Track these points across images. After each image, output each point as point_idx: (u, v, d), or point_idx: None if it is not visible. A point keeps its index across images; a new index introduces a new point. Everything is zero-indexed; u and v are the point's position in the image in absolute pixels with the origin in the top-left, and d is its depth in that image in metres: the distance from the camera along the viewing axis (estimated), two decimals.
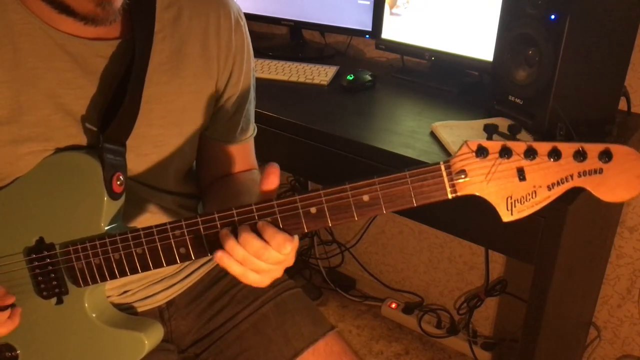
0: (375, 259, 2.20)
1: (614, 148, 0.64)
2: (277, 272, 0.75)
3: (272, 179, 0.72)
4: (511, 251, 1.22)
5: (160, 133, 0.88)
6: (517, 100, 1.27)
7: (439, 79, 1.63)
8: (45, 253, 0.80)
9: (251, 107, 1.03)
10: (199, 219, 0.74)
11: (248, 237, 0.70)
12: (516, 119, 1.25)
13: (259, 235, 0.71)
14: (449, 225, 1.27)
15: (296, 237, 0.73)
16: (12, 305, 0.80)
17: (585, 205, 1.16)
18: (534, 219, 1.09)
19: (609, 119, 1.29)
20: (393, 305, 2.10)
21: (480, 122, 1.29)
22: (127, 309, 0.94)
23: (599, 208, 1.38)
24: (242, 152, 1.04)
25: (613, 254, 1.62)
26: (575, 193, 1.07)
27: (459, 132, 1.25)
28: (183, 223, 0.75)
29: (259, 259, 0.71)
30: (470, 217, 1.19)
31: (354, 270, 2.27)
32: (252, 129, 1.05)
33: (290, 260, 0.74)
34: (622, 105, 1.40)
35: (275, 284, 1.04)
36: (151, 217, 0.92)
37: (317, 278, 2.27)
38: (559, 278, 1.17)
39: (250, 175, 1.03)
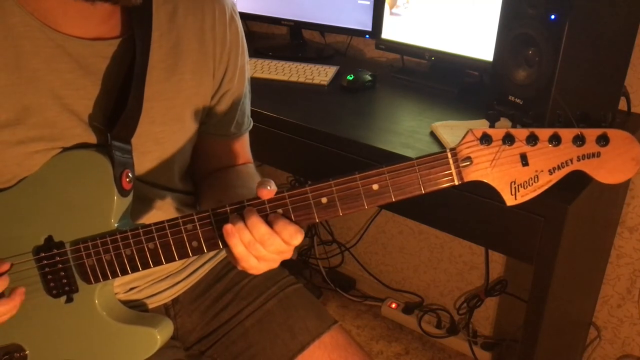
0: (375, 259, 2.20)
1: (611, 132, 0.68)
2: (275, 263, 0.76)
3: (267, 194, 0.73)
4: (511, 251, 1.22)
5: (162, 130, 0.89)
6: (517, 100, 1.27)
7: (439, 79, 1.63)
8: (55, 251, 0.80)
9: (247, 101, 1.03)
10: (210, 212, 0.75)
11: (255, 222, 0.72)
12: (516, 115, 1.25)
13: (270, 226, 0.72)
14: (449, 225, 1.27)
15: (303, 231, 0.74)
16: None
17: (585, 205, 1.16)
18: (534, 219, 1.10)
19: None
20: (393, 305, 2.10)
21: (481, 122, 1.29)
22: (133, 306, 0.95)
23: (599, 208, 1.38)
24: (238, 146, 1.04)
25: (613, 254, 1.62)
26: (576, 193, 1.07)
27: (459, 132, 1.25)
28: (195, 217, 0.76)
29: (262, 245, 0.72)
30: (470, 217, 1.19)
31: (354, 270, 2.27)
32: (248, 123, 1.05)
33: (290, 253, 0.75)
34: (622, 105, 1.40)
35: (277, 279, 1.05)
36: (154, 215, 0.92)
37: (317, 278, 2.27)
38: (559, 278, 1.17)
39: (246, 168, 1.04)
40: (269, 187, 0.73)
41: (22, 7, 0.77)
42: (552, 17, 1.14)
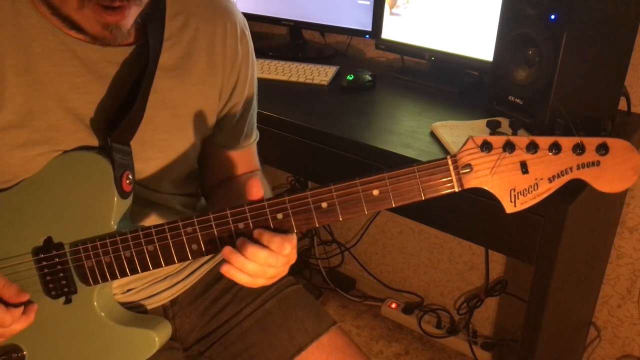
0: (375, 259, 2.20)
1: (611, 142, 0.68)
2: (283, 273, 0.78)
3: (256, 192, 0.75)
4: (511, 251, 1.22)
5: (165, 138, 0.89)
6: (517, 100, 1.27)
7: (439, 79, 1.63)
8: (54, 252, 0.80)
9: (254, 114, 1.05)
10: (210, 216, 0.76)
11: (253, 250, 0.73)
12: (516, 119, 1.26)
13: (260, 243, 0.74)
14: (449, 225, 1.27)
15: (294, 235, 0.75)
16: (28, 302, 0.80)
17: (585, 205, 1.16)
18: (534, 219, 1.10)
19: (609, 118, 1.29)
20: (393, 305, 2.10)
21: (481, 122, 1.29)
22: (131, 307, 0.95)
23: (599, 208, 1.38)
24: (246, 157, 1.05)
25: (613, 254, 1.62)
26: (575, 193, 1.07)
27: (459, 132, 1.25)
28: (195, 220, 0.76)
29: (270, 267, 0.74)
30: (470, 217, 1.19)
31: (354, 270, 2.27)
32: (255, 135, 1.06)
33: (293, 258, 0.77)
34: (622, 105, 1.40)
35: (277, 280, 1.05)
36: (155, 217, 0.93)
37: (317, 278, 2.27)
38: (559, 278, 1.17)
39: (253, 176, 1.04)
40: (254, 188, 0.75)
41: (36, 9, 0.78)
42: (552, 17, 1.14)
